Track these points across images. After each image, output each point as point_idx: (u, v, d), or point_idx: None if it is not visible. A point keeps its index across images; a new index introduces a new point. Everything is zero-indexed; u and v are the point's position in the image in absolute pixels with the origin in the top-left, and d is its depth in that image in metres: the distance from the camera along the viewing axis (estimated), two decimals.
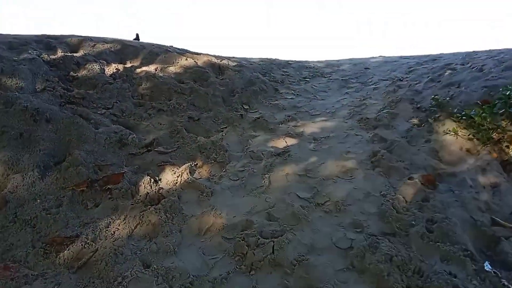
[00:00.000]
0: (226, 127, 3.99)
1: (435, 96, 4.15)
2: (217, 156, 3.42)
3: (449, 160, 3.23)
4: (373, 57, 7.43)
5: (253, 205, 2.74)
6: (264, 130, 4.01)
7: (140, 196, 2.86)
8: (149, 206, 2.72)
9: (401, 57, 6.88)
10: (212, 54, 6.40)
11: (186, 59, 5.36)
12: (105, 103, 4.12)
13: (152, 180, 3.01)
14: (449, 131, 3.56)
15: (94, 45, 5.24)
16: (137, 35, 8.02)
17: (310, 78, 5.80)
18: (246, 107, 4.57)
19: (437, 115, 3.87)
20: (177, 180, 3.04)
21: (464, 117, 3.61)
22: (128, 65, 5.06)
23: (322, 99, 4.95)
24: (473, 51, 6.56)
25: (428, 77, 5.13)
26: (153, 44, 5.88)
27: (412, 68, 5.85)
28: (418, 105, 4.24)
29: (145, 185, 2.95)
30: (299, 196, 2.81)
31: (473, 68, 5.08)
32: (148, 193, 2.88)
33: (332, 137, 3.79)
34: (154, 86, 4.59)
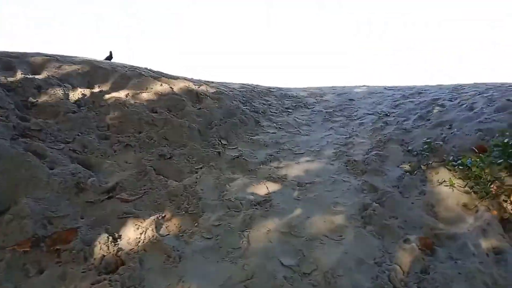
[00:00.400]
0: (201, 167, 3.58)
1: (427, 139, 3.88)
2: (189, 206, 3.00)
3: (446, 217, 2.92)
4: (357, 87, 7.22)
5: (229, 274, 2.33)
6: (244, 171, 3.62)
7: (94, 259, 2.40)
8: (104, 275, 2.27)
9: (385, 88, 6.68)
10: (190, 78, 6.02)
11: (161, 85, 4.96)
12: (66, 135, 3.66)
13: (111, 238, 2.56)
14: (444, 181, 3.28)
15: (60, 66, 4.78)
16: (111, 53, 7.57)
17: (292, 109, 5.48)
18: (224, 142, 4.18)
19: (429, 162, 3.59)
20: (140, 238, 2.60)
21: (460, 166, 3.34)
22: (96, 90, 4.61)
23: (306, 135, 4.63)
24: (459, 85, 6.44)
25: (417, 113, 4.90)
26: (125, 66, 5.46)
27: (398, 102, 5.63)
28: (409, 147, 3.97)
29: (102, 246, 2.50)
30: (282, 263, 2.42)
31: (462, 105, 4.90)
32: (104, 256, 2.43)
33: (318, 182, 3.44)
34: (123, 115, 4.16)
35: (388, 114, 5.12)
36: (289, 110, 5.40)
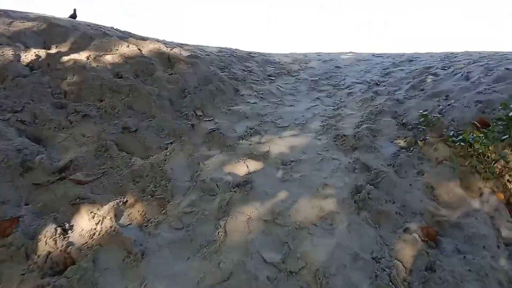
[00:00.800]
0: (172, 143, 3.13)
1: (423, 112, 3.52)
2: (156, 189, 2.58)
3: (449, 201, 2.60)
4: (343, 53, 6.76)
5: (201, 275, 1.95)
6: (221, 147, 3.20)
7: (38, 257, 1.98)
8: (48, 278, 1.86)
9: (373, 55, 6.26)
10: (161, 40, 5.43)
11: (128, 46, 4.39)
12: (14, 104, 3.13)
13: (59, 230, 2.13)
14: (445, 159, 2.95)
15: (11, 22, 4.14)
16: (74, 10, 6.81)
17: (275, 77, 5.02)
18: (199, 113, 3.72)
19: (427, 137, 3.25)
20: (95, 229, 2.18)
21: (461, 142, 3.01)
22: (53, 50, 4.02)
23: (290, 105, 4.20)
24: (451, 53, 6.08)
25: (409, 82, 4.53)
26: (89, 25, 4.83)
27: (388, 70, 5.24)
28: (403, 120, 3.61)
29: (48, 240, 2.07)
30: (265, 260, 2.05)
31: (456, 74, 4.55)
32: (50, 253, 2.01)
33: (304, 160, 3.05)
34: (82, 80, 3.62)
35: (378, 83, 4.73)
36: (271, 78, 4.93)
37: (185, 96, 3.90)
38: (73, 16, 6.66)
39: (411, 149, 3.17)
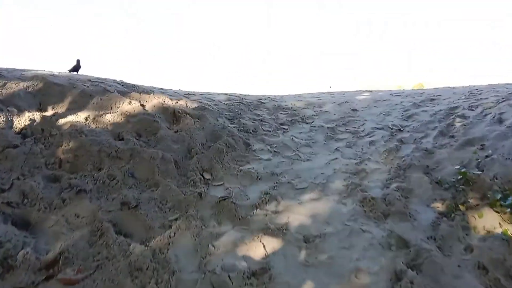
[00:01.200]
0: (176, 219, 2.76)
1: (460, 167, 3.11)
2: (158, 286, 2.18)
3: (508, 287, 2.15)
4: (359, 92, 6.43)
5: None
6: (233, 220, 2.81)
7: None
8: None
9: (391, 94, 5.91)
10: (167, 90, 5.18)
11: (130, 102, 4.12)
12: (1, 181, 2.81)
13: None
14: (494, 228, 2.52)
15: (5, 84, 3.91)
16: (78, 62, 6.64)
17: (288, 125, 4.67)
18: (207, 176, 3.36)
19: (468, 199, 2.82)
20: None
21: (510, 208, 2.58)
22: (49, 112, 3.76)
23: (307, 159, 3.83)
24: (474, 88, 5.71)
25: (435, 127, 4.14)
26: (89, 80, 4.59)
27: (409, 112, 4.86)
28: (437, 177, 3.19)
29: None
30: None
31: (486, 115, 4.16)
32: None
33: (329, 235, 2.64)
34: (79, 147, 3.32)
35: (401, 128, 4.35)
36: (284, 127, 4.59)
37: (192, 157, 3.56)
38: (77, 67, 6.49)
39: (452, 215, 2.74)
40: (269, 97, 5.64)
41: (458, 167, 3.19)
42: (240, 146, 3.95)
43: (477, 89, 5.50)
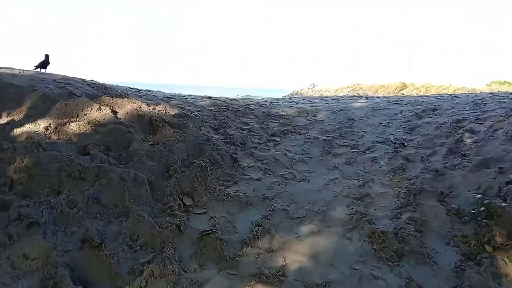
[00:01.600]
0: (149, 261, 2.25)
1: (481, 198, 2.69)
2: None
3: None
4: (354, 99, 6.00)
5: None
6: (218, 262, 2.32)
7: None
8: None
9: (389, 102, 5.49)
10: (144, 93, 4.62)
11: (100, 108, 3.57)
12: None
13: None
14: None
15: None
16: (46, 57, 5.99)
17: (280, 136, 4.19)
18: (188, 202, 2.86)
19: (494, 236, 2.41)
20: None
21: None
22: (4, 120, 3.21)
23: (303, 179, 3.37)
24: (477, 97, 5.36)
25: (444, 143, 3.75)
26: (55, 80, 4.00)
27: (411, 123, 4.45)
28: (454, 207, 2.77)
29: None
30: None
31: (497, 131, 3.79)
32: None
33: (335, 283, 2.18)
34: (36, 164, 2.79)
35: (405, 143, 3.93)
36: (275, 139, 4.10)
37: (170, 176, 3.05)
38: (45, 63, 5.85)
39: (478, 257, 2.32)
40: (257, 103, 5.14)
41: (476, 195, 2.78)
42: (227, 162, 3.46)
43: (480, 99, 5.15)
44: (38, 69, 5.76)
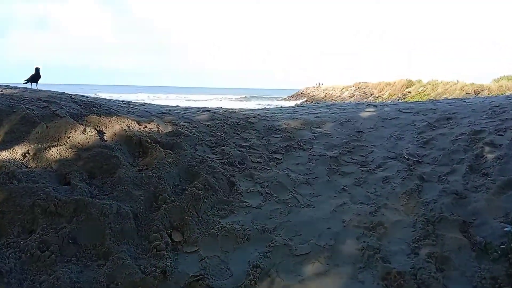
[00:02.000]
0: None
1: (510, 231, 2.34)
2: None
3: None
4: (362, 107, 5.65)
5: None
6: None
7: None
8: None
9: (399, 110, 5.14)
10: (135, 107, 4.34)
11: (85, 130, 3.28)
12: None
13: None
14: None
15: None
16: (37, 70, 5.76)
17: (283, 153, 3.87)
18: (177, 238, 2.55)
19: None
20: None
21: None
22: None
23: (308, 204, 3.04)
24: (493, 103, 4.99)
25: (462, 160, 3.39)
26: (40, 98, 3.73)
27: (424, 135, 4.10)
28: (481, 240, 2.42)
29: None
30: None
31: None
32: None
33: None
34: (7, 199, 2.51)
35: (420, 159, 3.58)
36: (277, 157, 3.78)
37: (158, 208, 2.75)
38: (35, 77, 5.60)
39: None
40: (258, 115, 4.82)
41: (505, 225, 2.43)
42: (223, 187, 3.14)
43: (498, 106, 4.77)
44: (29, 84, 5.51)
